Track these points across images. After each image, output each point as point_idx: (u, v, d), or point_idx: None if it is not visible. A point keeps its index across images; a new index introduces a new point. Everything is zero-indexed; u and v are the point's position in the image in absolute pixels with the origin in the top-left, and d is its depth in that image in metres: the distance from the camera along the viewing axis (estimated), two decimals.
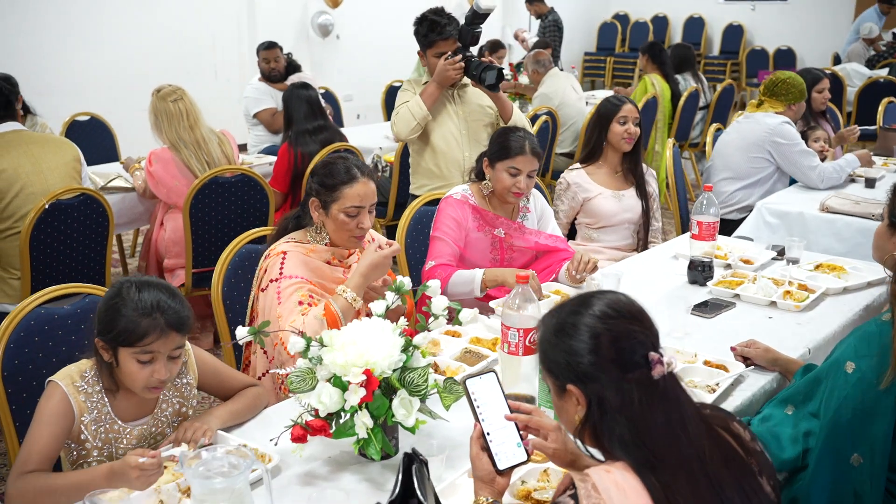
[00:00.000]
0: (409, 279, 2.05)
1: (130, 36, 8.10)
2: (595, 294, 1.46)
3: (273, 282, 2.36)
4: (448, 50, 3.60)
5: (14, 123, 3.71)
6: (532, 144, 2.97)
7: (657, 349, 1.39)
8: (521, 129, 3.06)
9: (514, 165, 2.94)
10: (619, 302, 1.43)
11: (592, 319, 1.40)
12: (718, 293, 2.90)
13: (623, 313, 1.41)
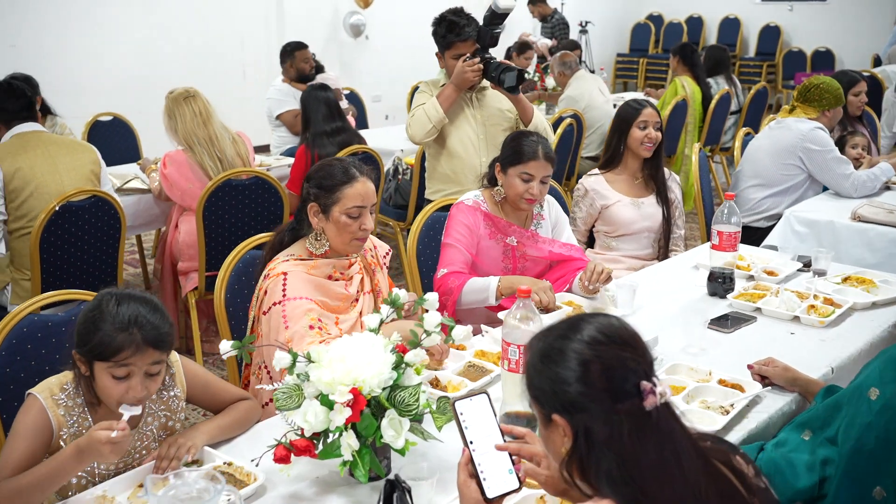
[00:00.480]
0: (407, 292, 1.96)
1: (157, 36, 8.11)
2: (585, 318, 1.36)
3: (276, 304, 2.28)
4: (466, 52, 3.51)
5: (34, 124, 3.69)
6: (545, 149, 2.87)
7: (650, 378, 1.29)
8: (535, 134, 2.96)
9: (527, 171, 2.85)
10: (610, 327, 1.33)
11: (581, 345, 1.30)
12: (739, 306, 2.78)
13: (614, 339, 1.31)
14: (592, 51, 11.82)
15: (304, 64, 6.16)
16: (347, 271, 2.45)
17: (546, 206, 3.10)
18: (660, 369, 2.28)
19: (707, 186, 4.44)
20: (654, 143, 3.49)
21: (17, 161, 3.51)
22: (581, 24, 11.77)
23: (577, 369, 1.28)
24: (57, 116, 4.74)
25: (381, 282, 2.56)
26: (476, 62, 3.46)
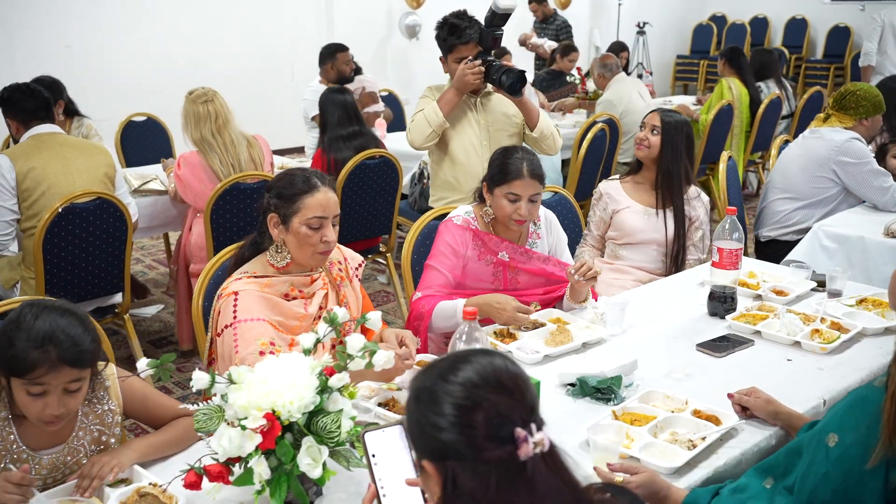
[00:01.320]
0: (346, 311, 1.87)
1: (207, 36, 8.20)
2: (469, 356, 1.24)
3: (228, 327, 2.20)
4: (468, 54, 3.40)
5: (51, 125, 3.72)
6: (531, 166, 2.71)
7: (528, 424, 1.17)
8: (521, 150, 2.79)
9: (512, 191, 2.70)
10: (488, 368, 1.21)
11: (454, 387, 1.19)
12: (737, 328, 2.62)
13: (490, 381, 1.20)
14: (650, 52, 11.57)
15: (344, 66, 6.14)
16: (308, 288, 2.37)
17: (544, 225, 2.96)
18: (634, 395, 2.15)
19: (736, 196, 4.25)
20: (644, 143, 3.37)
21: (31, 161, 3.54)
22: (639, 24, 11.53)
23: (448, 413, 1.18)
24: (85, 118, 4.79)
25: (350, 295, 2.47)
26: (476, 64, 3.36)
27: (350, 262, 2.54)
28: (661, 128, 3.37)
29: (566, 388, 2.23)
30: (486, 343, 1.87)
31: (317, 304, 2.37)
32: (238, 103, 5.01)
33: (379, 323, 1.89)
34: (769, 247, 4.11)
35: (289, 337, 2.27)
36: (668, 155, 3.37)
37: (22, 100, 3.67)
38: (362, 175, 4.32)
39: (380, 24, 9.63)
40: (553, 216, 3.03)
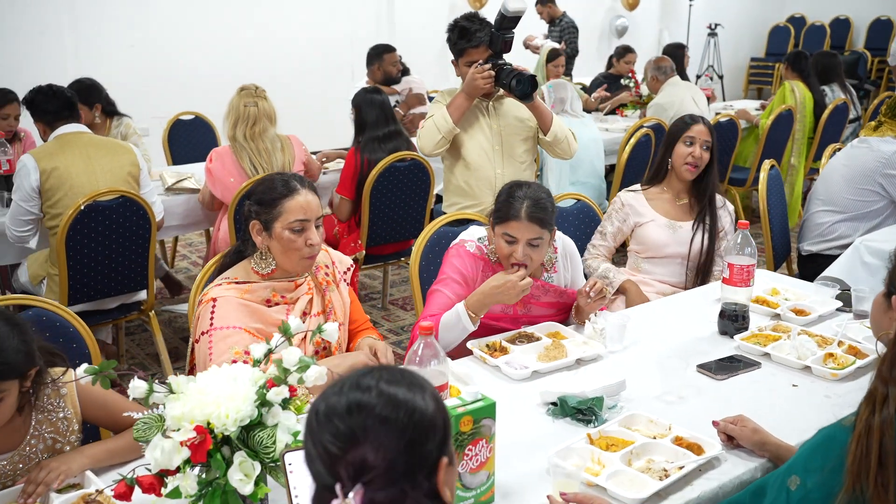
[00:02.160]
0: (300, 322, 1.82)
1: (266, 35, 8.27)
2: (350, 385, 1.14)
3: (204, 334, 2.18)
4: (479, 58, 3.32)
5: (76, 125, 3.78)
6: (531, 209, 2.45)
7: (347, 481, 1.07)
8: (529, 187, 2.54)
9: (508, 232, 2.48)
10: (338, 405, 1.11)
11: (311, 420, 1.12)
12: (746, 349, 2.47)
13: (330, 416, 1.11)
14: (721, 54, 11.24)
15: (391, 67, 6.13)
16: (291, 294, 2.33)
17: (561, 258, 2.77)
18: (616, 418, 2.04)
19: (778, 207, 4.05)
20: (697, 163, 3.19)
21: (54, 161, 3.60)
22: (710, 26, 11.21)
23: (310, 449, 1.10)
24: (125, 117, 4.87)
25: (336, 300, 2.43)
26: (486, 68, 3.26)
27: (338, 266, 2.50)
28: (712, 143, 3.23)
29: (547, 408, 2.14)
30: (445, 362, 1.79)
31: (300, 309, 2.33)
32: (297, 103, 5.06)
33: (335, 334, 1.83)
34: (811, 261, 3.91)
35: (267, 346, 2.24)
36: (709, 167, 3.24)
37: (44, 102, 3.73)
38: (392, 178, 4.28)
39: (441, 23, 9.58)
40: (572, 247, 2.82)
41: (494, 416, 1.72)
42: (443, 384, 1.78)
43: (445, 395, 1.79)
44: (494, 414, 1.72)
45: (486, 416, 1.70)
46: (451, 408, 1.67)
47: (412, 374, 1.15)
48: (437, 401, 1.14)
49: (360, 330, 2.49)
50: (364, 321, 2.52)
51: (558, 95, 5.14)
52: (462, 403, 1.69)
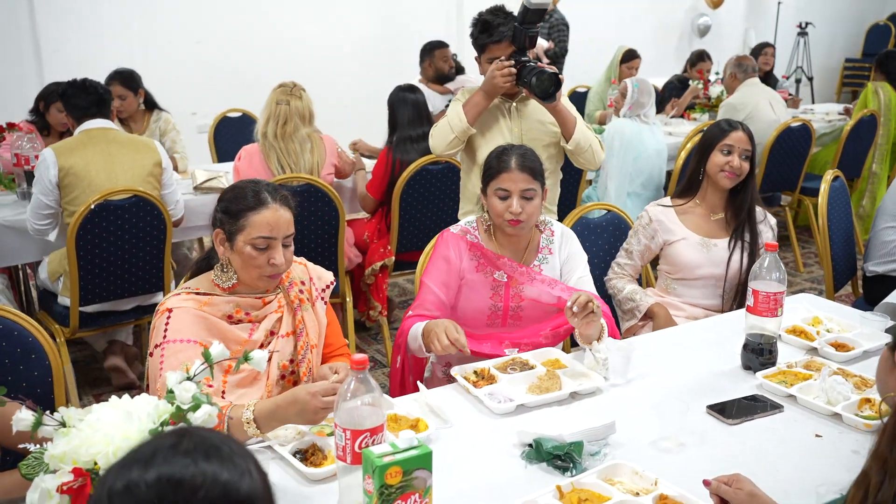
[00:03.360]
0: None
1: (332, 33, 8.17)
2: (160, 455, 0.93)
3: (157, 346, 2.02)
4: (501, 54, 3.06)
5: (103, 121, 3.70)
6: (522, 159, 2.45)
7: None
8: (518, 146, 2.53)
9: (501, 185, 2.44)
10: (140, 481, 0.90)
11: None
12: (769, 388, 2.17)
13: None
14: (812, 55, 10.63)
15: (442, 63, 5.92)
16: (258, 311, 2.14)
17: (557, 239, 2.61)
18: (598, 466, 1.78)
19: (842, 222, 3.67)
20: (736, 173, 2.88)
21: (73, 158, 3.53)
22: (800, 25, 10.63)
23: None
24: (164, 112, 4.80)
25: (310, 320, 2.22)
26: (507, 65, 3.00)
27: (316, 283, 2.30)
28: (752, 152, 2.92)
29: (523, 450, 1.89)
30: (378, 400, 1.57)
31: (266, 328, 2.15)
32: (365, 101, 4.90)
33: (263, 364, 1.63)
34: (877, 283, 3.53)
35: (225, 363, 2.06)
36: (748, 178, 2.93)
37: (75, 95, 3.66)
38: (424, 181, 4.07)
39: None
40: (571, 233, 2.67)
41: (430, 468, 1.49)
42: (377, 426, 1.56)
43: (380, 438, 1.56)
44: (430, 465, 1.49)
45: (419, 466, 1.47)
46: (377, 456, 1.45)
47: (232, 445, 0.94)
48: (260, 475, 0.93)
49: (333, 354, 2.29)
50: (340, 346, 2.32)
51: (640, 99, 4.78)
52: (391, 451, 1.47)
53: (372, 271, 4.21)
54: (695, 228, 2.95)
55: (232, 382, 2.06)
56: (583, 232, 3.09)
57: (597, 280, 3.10)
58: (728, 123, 2.97)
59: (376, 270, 4.21)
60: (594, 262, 3.10)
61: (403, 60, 8.69)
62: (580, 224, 3.10)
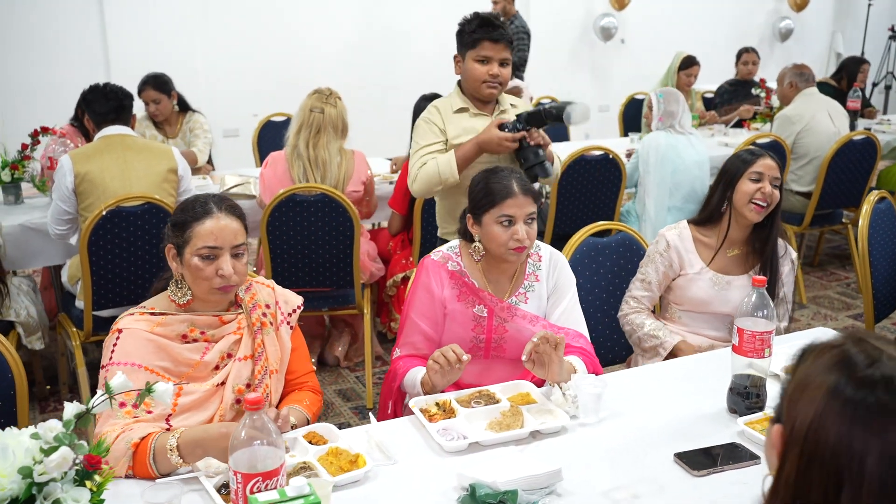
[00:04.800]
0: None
1: (390, 38, 8.13)
2: None
3: (103, 368, 1.99)
4: (495, 56, 2.92)
5: (121, 127, 3.73)
6: (521, 182, 2.33)
7: None
8: (505, 168, 2.38)
9: (505, 213, 2.29)
10: None
11: None
12: (751, 436, 2.00)
13: None
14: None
15: None
16: (214, 331, 2.09)
17: (545, 265, 2.47)
18: None
19: (887, 248, 3.41)
20: (768, 202, 2.66)
21: (89, 164, 3.56)
22: (892, 28, 10.07)
23: None
24: (197, 113, 4.84)
25: (271, 344, 2.15)
26: (517, 137, 2.87)
27: (283, 307, 2.23)
28: (781, 181, 2.72)
29: (460, 495, 1.78)
30: (276, 442, 1.48)
31: (220, 350, 2.09)
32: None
33: (166, 397, 1.56)
34: None
35: (174, 386, 2.01)
36: (774, 210, 2.72)
37: (95, 101, 3.71)
38: None
39: (578, 25, 9.13)
40: (560, 257, 2.52)
41: None
42: (271, 470, 1.47)
43: (276, 482, 1.48)
44: None
45: None
46: (262, 502, 1.37)
47: None
48: None
49: (296, 382, 2.22)
50: (304, 373, 2.24)
51: (668, 108, 4.58)
52: (277, 499, 1.38)
53: (394, 283, 4.14)
54: (709, 261, 2.75)
55: (182, 406, 2.01)
56: (588, 253, 2.95)
57: (602, 308, 2.95)
58: (752, 152, 2.75)
59: (398, 282, 4.13)
60: (601, 287, 2.96)
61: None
62: (586, 245, 2.94)
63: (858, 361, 1.03)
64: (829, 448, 1.01)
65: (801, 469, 1.04)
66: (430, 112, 3.08)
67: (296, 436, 1.95)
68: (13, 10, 6.77)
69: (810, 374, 1.06)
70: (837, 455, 1.00)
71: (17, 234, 3.79)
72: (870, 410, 0.99)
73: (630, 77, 9.07)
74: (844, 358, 1.04)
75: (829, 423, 1.01)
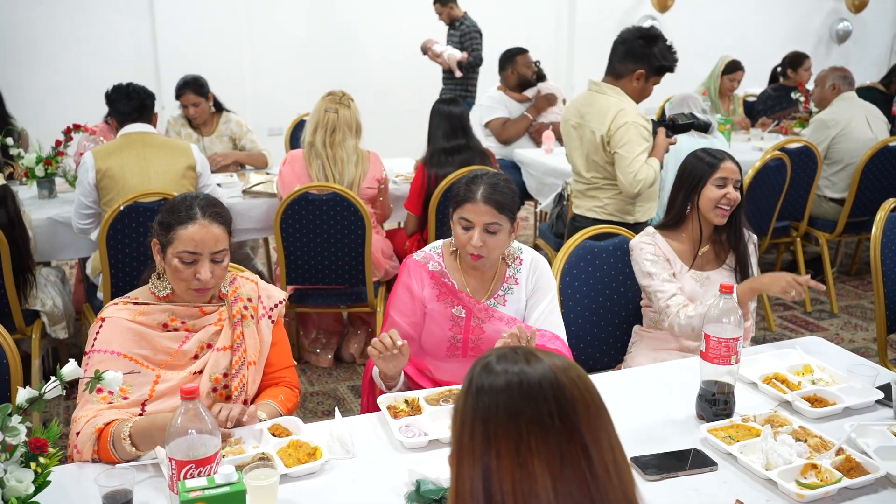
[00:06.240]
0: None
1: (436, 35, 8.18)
2: None
3: (85, 354, 2.08)
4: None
5: (143, 125, 3.85)
6: (491, 190, 2.31)
7: None
8: (491, 174, 2.39)
9: (464, 216, 2.33)
10: None
11: None
12: (713, 444, 1.98)
13: None
14: None
15: (525, 69, 5.80)
16: (195, 321, 2.16)
17: (526, 268, 2.49)
18: None
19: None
20: (732, 205, 2.68)
21: (110, 161, 3.69)
22: None
23: None
24: (230, 113, 4.96)
25: (250, 337, 2.21)
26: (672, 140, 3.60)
27: (265, 301, 2.29)
28: (741, 181, 2.73)
29: (408, 490, 1.81)
30: (211, 430, 1.53)
31: (200, 340, 2.16)
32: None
33: (115, 385, 1.63)
34: None
35: (153, 373, 2.09)
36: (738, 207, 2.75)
37: (118, 100, 3.84)
38: None
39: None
40: (542, 261, 2.53)
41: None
42: (205, 457, 1.52)
43: (209, 469, 1.53)
44: (243, 502, 1.44)
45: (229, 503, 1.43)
46: (186, 489, 1.42)
47: None
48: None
49: (275, 376, 2.27)
50: (282, 367, 2.29)
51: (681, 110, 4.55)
52: (204, 486, 1.44)
53: None
54: (686, 261, 2.76)
55: (158, 392, 2.08)
56: (585, 256, 2.95)
57: (598, 312, 2.95)
58: (712, 154, 2.75)
59: None
60: (598, 290, 2.95)
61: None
62: (583, 248, 2.94)
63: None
64: None
65: None
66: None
67: (261, 428, 2.00)
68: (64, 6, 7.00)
69: None
70: None
71: (46, 227, 3.93)
72: None
73: (673, 79, 8.94)
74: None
75: None
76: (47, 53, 7.07)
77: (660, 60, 3.44)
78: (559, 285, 2.86)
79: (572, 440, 1.05)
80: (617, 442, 1.11)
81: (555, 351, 2.28)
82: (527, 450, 1.04)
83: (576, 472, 1.04)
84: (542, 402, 1.06)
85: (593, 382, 1.13)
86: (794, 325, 4.82)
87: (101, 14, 7.17)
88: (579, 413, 1.06)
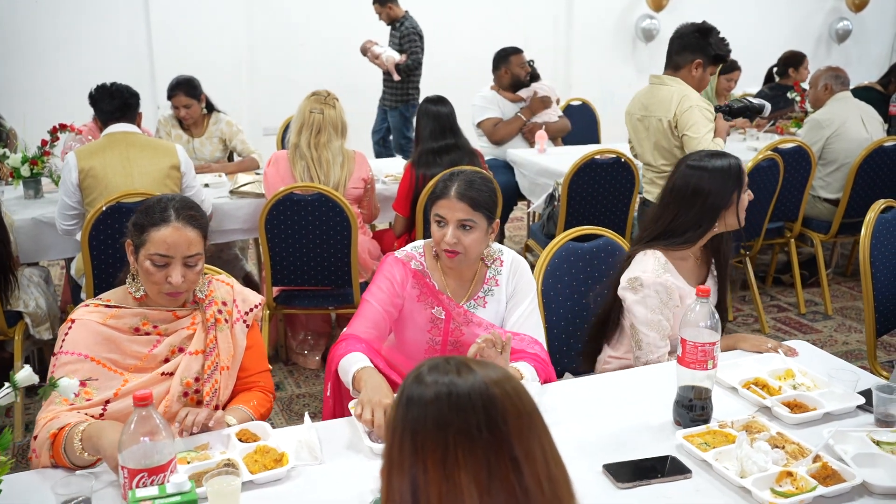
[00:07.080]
0: None
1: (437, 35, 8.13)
2: None
3: (53, 356, 2.05)
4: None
5: (126, 125, 3.82)
6: (466, 187, 2.30)
7: None
8: (468, 171, 2.37)
9: (438, 212, 2.32)
10: None
11: None
12: (688, 450, 1.94)
13: None
14: None
15: (519, 69, 5.76)
16: (167, 325, 2.13)
17: (506, 270, 2.45)
18: None
19: (893, 261, 3.28)
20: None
21: (92, 160, 3.66)
22: None
23: None
24: (221, 113, 4.93)
25: (224, 341, 2.18)
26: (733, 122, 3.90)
27: (240, 305, 2.26)
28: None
29: (374, 497, 1.77)
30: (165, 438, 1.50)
31: (171, 343, 2.13)
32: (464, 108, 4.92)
33: (69, 391, 1.60)
34: None
35: (120, 378, 2.06)
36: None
37: (101, 100, 3.82)
38: None
39: (621, 26, 9.01)
40: (523, 262, 2.50)
41: None
42: (157, 465, 1.49)
43: (162, 478, 1.50)
44: None
45: None
46: (136, 499, 1.39)
47: None
48: None
49: (249, 380, 2.24)
50: (257, 372, 2.26)
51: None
52: (155, 496, 1.40)
53: None
54: (689, 279, 2.64)
55: (122, 392, 2.05)
56: (568, 258, 2.90)
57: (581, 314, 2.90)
58: (731, 163, 2.52)
59: None
60: (581, 292, 2.91)
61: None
62: (565, 250, 2.90)
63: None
64: None
65: None
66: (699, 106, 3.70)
67: (229, 433, 1.97)
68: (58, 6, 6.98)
69: None
70: None
71: (31, 228, 3.90)
72: None
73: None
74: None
75: None
76: (40, 53, 7.05)
77: (715, 50, 3.75)
78: (542, 287, 2.82)
79: (501, 453, 1.01)
80: (554, 456, 1.07)
81: (533, 355, 2.28)
82: (454, 462, 1.00)
83: (504, 485, 1.00)
84: (471, 414, 1.02)
85: (529, 395, 1.10)
86: (788, 327, 4.78)
87: (95, 13, 7.16)
88: (510, 425, 1.03)
